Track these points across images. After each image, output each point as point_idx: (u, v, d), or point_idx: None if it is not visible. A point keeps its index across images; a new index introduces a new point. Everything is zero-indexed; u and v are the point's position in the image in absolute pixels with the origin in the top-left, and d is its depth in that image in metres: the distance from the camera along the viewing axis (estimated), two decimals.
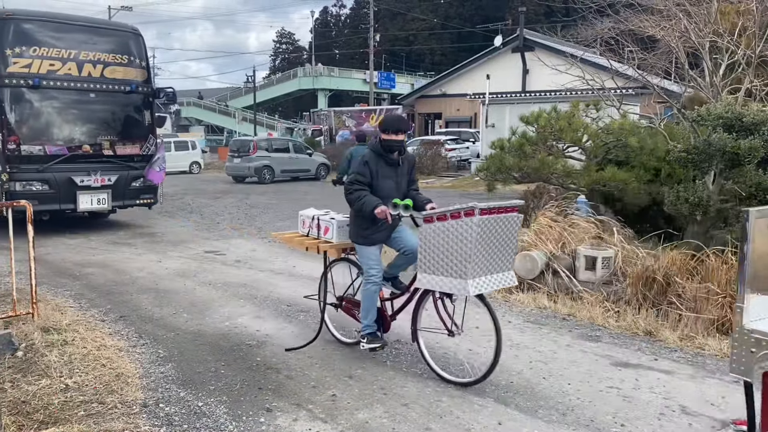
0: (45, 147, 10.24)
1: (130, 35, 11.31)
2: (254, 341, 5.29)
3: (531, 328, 5.73)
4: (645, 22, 11.08)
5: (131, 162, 11.10)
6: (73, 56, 10.45)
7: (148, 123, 11.56)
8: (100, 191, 10.63)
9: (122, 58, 11.05)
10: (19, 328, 5.34)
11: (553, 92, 20.61)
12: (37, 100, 10.25)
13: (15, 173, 9.82)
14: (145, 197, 11.42)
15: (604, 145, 8.68)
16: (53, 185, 10.14)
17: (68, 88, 10.47)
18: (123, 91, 11.06)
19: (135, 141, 11.32)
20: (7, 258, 6.17)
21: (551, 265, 6.94)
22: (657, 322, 5.80)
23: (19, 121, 10.10)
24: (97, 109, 10.97)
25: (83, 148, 10.64)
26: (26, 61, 9.99)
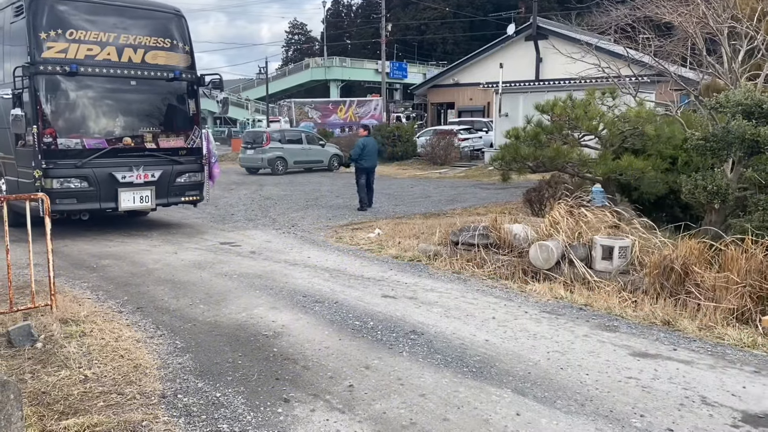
0: (83, 140, 9.43)
1: (172, 17, 10.40)
2: (270, 332, 5.31)
3: (547, 319, 5.70)
4: (662, 8, 10.92)
5: (175, 156, 10.21)
6: (112, 40, 9.58)
7: (192, 113, 10.66)
8: (143, 188, 9.76)
9: (164, 42, 10.13)
10: (38, 319, 5.39)
11: (567, 80, 20.43)
12: (74, 88, 9.43)
13: (51, 169, 9.04)
14: (191, 194, 10.48)
15: (620, 133, 8.60)
16: (92, 182, 9.31)
17: (107, 75, 9.61)
18: (165, 78, 10.15)
19: (179, 133, 10.43)
20: (25, 250, 6.22)
21: (567, 255, 6.89)
22: (675, 311, 5.74)
23: (54, 112, 9.32)
24: (138, 98, 10.14)
25: (124, 141, 9.76)
26: (62, 45, 9.15)
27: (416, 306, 6.06)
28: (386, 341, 5.09)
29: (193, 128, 10.56)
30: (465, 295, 6.47)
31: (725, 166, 7.43)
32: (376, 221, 11.24)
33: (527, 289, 6.63)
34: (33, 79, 8.91)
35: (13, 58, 9.53)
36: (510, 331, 5.35)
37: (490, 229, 7.68)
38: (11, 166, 9.99)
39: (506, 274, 7.14)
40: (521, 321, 5.62)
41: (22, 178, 9.52)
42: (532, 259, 6.97)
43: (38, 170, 8.83)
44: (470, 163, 25.43)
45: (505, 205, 12.56)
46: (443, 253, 7.98)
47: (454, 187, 18.00)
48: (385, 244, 9.08)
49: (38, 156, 8.89)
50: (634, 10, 12.07)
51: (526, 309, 5.99)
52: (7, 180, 10.25)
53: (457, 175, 22.09)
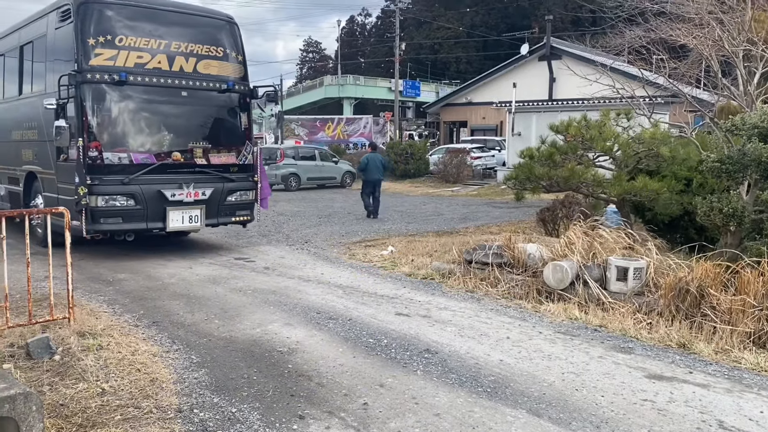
0: (130, 155, 8.83)
1: (225, 24, 9.81)
2: (285, 348, 5.33)
3: (562, 339, 5.69)
4: (676, 30, 10.97)
5: (226, 173, 9.58)
6: (163, 47, 9.00)
7: (244, 127, 10.07)
8: (193, 207, 9.10)
9: (217, 51, 9.53)
10: (56, 332, 5.45)
11: (581, 101, 20.48)
12: (122, 98, 8.81)
13: (96, 186, 8.38)
14: (242, 214, 9.84)
15: (635, 154, 8.60)
16: (140, 200, 8.67)
17: (157, 85, 8.98)
18: (218, 90, 9.54)
19: (231, 148, 9.80)
20: (43, 263, 6.31)
21: (581, 276, 6.88)
22: (691, 334, 5.71)
23: (101, 124, 8.71)
24: (189, 111, 9.51)
25: (173, 157, 9.10)
26: (111, 52, 8.58)
27: (430, 324, 6.06)
28: (400, 359, 5.09)
29: (245, 144, 9.97)
30: (479, 314, 6.47)
31: (741, 189, 7.41)
32: (389, 238, 11.27)
33: (541, 310, 6.62)
34: (79, 88, 8.35)
35: (57, 66, 9.05)
36: (524, 351, 5.34)
37: (504, 249, 7.69)
38: (50, 181, 9.53)
39: (520, 293, 7.13)
40: (536, 341, 5.61)
41: (62, 194, 9.01)
42: (547, 279, 6.96)
43: (82, 187, 8.19)
44: (483, 182, 25.45)
45: (518, 224, 12.56)
46: (457, 271, 7.99)
47: (466, 205, 18.02)
48: (399, 261, 9.10)
49: (82, 171, 8.25)
50: (649, 31, 12.12)
51: (541, 329, 5.98)
52: (46, 196, 9.74)
53: (470, 193, 22.10)
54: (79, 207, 8.13)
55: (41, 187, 9.85)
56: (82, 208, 8.17)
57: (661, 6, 11.75)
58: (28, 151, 10.32)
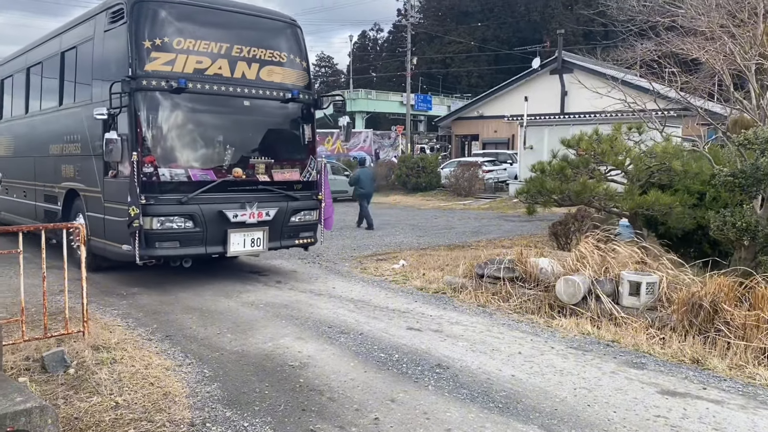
0: (188, 171, 7.90)
1: (288, 26, 8.99)
2: (297, 362, 5.35)
3: (574, 354, 5.66)
4: (688, 44, 10.97)
5: (290, 190, 8.67)
6: (224, 51, 8.16)
7: (308, 140, 9.17)
8: (256, 229, 8.22)
9: (281, 56, 8.70)
10: (71, 345, 5.50)
11: (592, 114, 20.47)
12: (180, 108, 7.94)
13: (151, 206, 7.50)
14: (305, 236, 8.97)
15: (647, 168, 8.59)
16: (199, 222, 7.78)
17: (218, 94, 8.13)
18: (281, 99, 8.65)
19: (294, 163, 8.91)
20: (58, 277, 6.39)
21: (594, 290, 6.86)
22: (704, 349, 5.67)
23: (156, 136, 7.82)
24: (251, 122, 8.64)
25: (234, 173, 8.20)
26: (168, 56, 7.76)
27: (441, 339, 6.06)
28: (411, 374, 5.10)
29: (309, 158, 9.07)
30: (491, 329, 6.46)
31: (755, 203, 7.37)
32: (401, 252, 11.28)
33: (554, 324, 6.60)
34: (133, 96, 7.54)
35: (107, 72, 8.22)
36: (536, 366, 5.33)
37: (516, 263, 7.68)
38: (95, 200, 8.62)
39: (532, 308, 7.11)
40: (548, 356, 5.59)
41: (110, 215, 8.16)
42: (559, 294, 6.95)
43: (135, 207, 7.30)
44: (494, 195, 25.43)
45: (530, 238, 12.53)
46: (468, 285, 7.99)
47: (478, 218, 18.00)
48: (410, 275, 9.11)
49: (136, 189, 7.36)
50: (660, 45, 12.13)
51: (553, 344, 5.96)
52: (90, 217, 8.77)
53: (482, 206, 22.08)
54: (131, 230, 7.34)
55: (84, 206, 9.00)
56: (134, 231, 7.35)
57: (671, 20, 11.76)
58: (69, 167, 9.50)
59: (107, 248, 8.26)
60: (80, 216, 9.14)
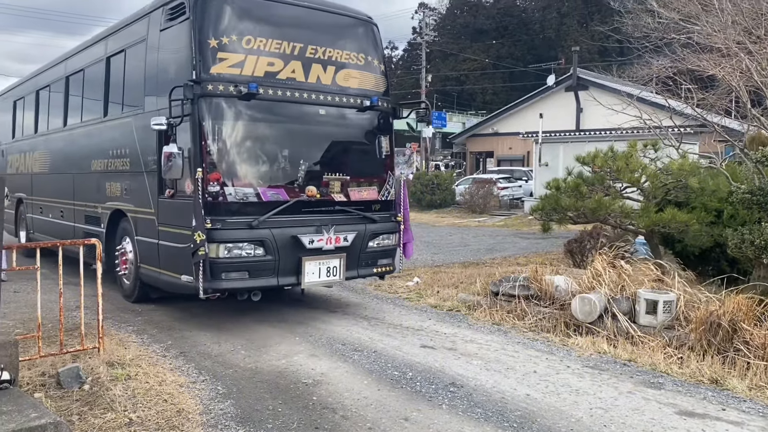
0: (258, 190, 6.89)
1: (365, 24, 8.04)
2: (310, 380, 5.34)
3: (590, 374, 5.60)
4: (704, 61, 10.92)
5: (368, 211, 7.64)
6: (298, 52, 7.22)
7: (386, 154, 8.09)
8: (333, 256, 7.17)
9: (358, 58, 7.75)
10: (86, 361, 5.53)
11: (608, 131, 20.40)
12: (250, 117, 6.96)
13: (218, 230, 6.45)
14: (383, 263, 7.88)
15: (663, 186, 8.52)
16: (270, 249, 6.73)
17: (292, 101, 7.13)
18: (359, 107, 7.69)
19: (372, 181, 7.90)
20: (74, 293, 6.44)
21: (610, 309, 6.79)
22: (723, 369, 5.58)
23: (222, 149, 6.81)
24: (326, 133, 7.65)
25: (308, 192, 7.19)
26: (237, 57, 6.83)
27: (456, 357, 6.02)
28: (425, 393, 5.06)
29: (387, 175, 8.04)
30: (505, 347, 6.41)
31: None
32: (415, 269, 11.25)
33: (569, 343, 6.54)
34: (198, 103, 6.56)
35: (163, 77, 7.34)
36: (552, 385, 5.27)
37: (531, 280, 7.63)
38: (147, 223, 7.65)
39: (548, 326, 7.05)
40: (563, 375, 5.53)
41: (165, 240, 7.21)
42: (574, 312, 6.88)
43: (200, 232, 6.28)
44: (509, 212, 25.33)
45: (545, 255, 12.45)
46: (483, 303, 7.94)
47: (493, 235, 17.93)
48: (424, 292, 9.08)
49: (200, 211, 6.33)
50: (676, 62, 12.09)
51: (568, 363, 5.90)
52: (140, 242, 7.80)
53: (496, 223, 22.00)
54: (196, 259, 6.31)
55: (132, 229, 8.02)
56: (199, 260, 6.31)
57: (687, 37, 11.73)
58: (115, 185, 8.57)
59: (161, 278, 7.35)
60: (126, 240, 8.25)
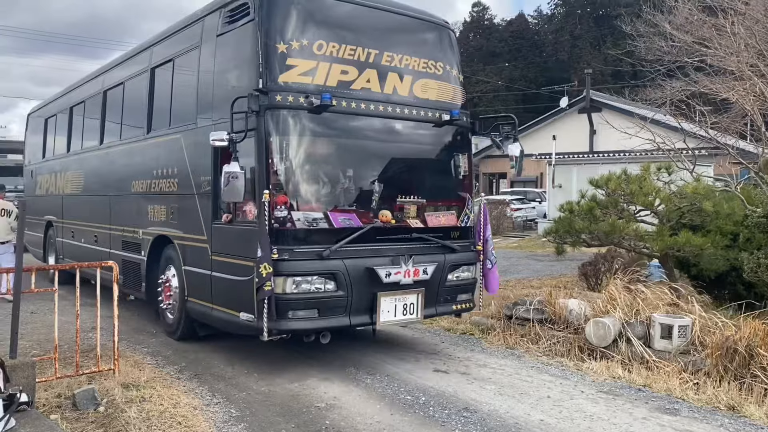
0: (329, 215, 6.08)
1: (442, 30, 7.30)
2: (323, 403, 5.34)
3: (604, 399, 5.55)
4: (717, 84, 10.92)
5: (447, 239, 6.75)
6: (373, 59, 6.46)
7: (464, 174, 7.25)
8: (410, 291, 6.30)
9: (436, 67, 6.96)
10: (102, 383, 5.57)
11: (621, 153, 20.34)
12: (321, 133, 6.22)
13: (285, 261, 5.67)
14: (462, 299, 7.00)
15: (677, 209, 8.50)
16: (343, 282, 5.93)
17: (367, 114, 6.39)
18: (437, 122, 6.88)
19: (450, 204, 7.08)
20: (90, 314, 6.50)
21: (624, 333, 6.74)
22: (740, 396, 5.52)
23: (289, 169, 6.04)
24: (400, 151, 6.91)
25: (381, 217, 6.36)
26: (308, 64, 6.06)
27: (469, 382, 6.00)
28: (438, 418, 5.05)
29: (466, 198, 7.20)
30: (519, 371, 6.38)
31: None
32: None
33: (583, 368, 6.49)
34: (265, 116, 5.82)
35: (222, 87, 6.63)
36: (566, 410, 5.23)
37: (545, 304, 7.61)
38: (198, 252, 6.84)
39: (562, 350, 7.01)
40: (577, 401, 5.49)
41: (220, 271, 6.42)
42: (588, 336, 6.85)
43: (267, 264, 5.46)
44: (523, 234, 25.25)
45: (559, 278, 12.38)
46: (497, 326, 7.91)
47: (506, 257, 17.86)
48: None
49: (266, 240, 5.55)
50: (689, 85, 12.09)
51: (583, 388, 5.86)
52: (188, 272, 7.05)
53: (510, 245, 21.92)
54: (262, 295, 5.51)
55: (180, 258, 7.24)
56: (264, 297, 5.51)
57: (700, 60, 11.75)
58: (160, 208, 7.80)
59: (213, 314, 6.54)
60: (171, 269, 7.49)
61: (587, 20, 58.58)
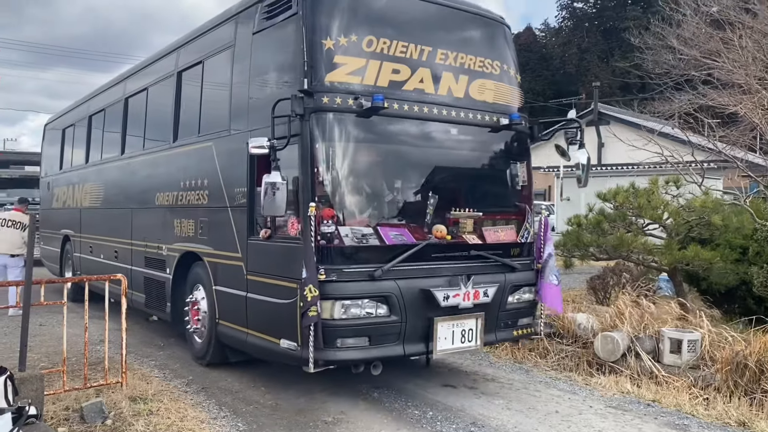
0: (379, 230, 5.46)
1: (498, 26, 6.69)
2: (330, 418, 5.32)
3: (613, 414, 5.51)
4: (725, 98, 10.91)
5: (507, 256, 6.14)
6: (426, 57, 5.89)
7: (523, 185, 6.65)
8: (468, 316, 5.65)
9: (493, 66, 6.37)
10: (109, 396, 5.58)
11: (630, 166, 20.29)
12: (371, 138, 5.67)
13: (333, 282, 5.10)
14: (523, 324, 6.32)
15: (685, 223, 8.45)
16: (396, 306, 5.31)
17: (420, 117, 5.78)
18: (496, 126, 6.29)
19: (509, 218, 6.47)
20: (98, 327, 6.53)
21: (633, 347, 6.70)
22: (751, 411, 5.48)
23: (337, 179, 5.47)
24: (456, 158, 6.32)
25: (436, 233, 5.71)
26: (357, 62, 5.51)
27: (477, 396, 5.98)
28: None
29: (525, 210, 6.57)
30: (527, 386, 6.34)
31: None
32: None
33: (592, 382, 6.45)
34: (310, 120, 5.28)
35: (259, 90, 6.10)
36: (574, 426, 5.20)
37: (553, 318, 7.58)
38: (231, 270, 6.26)
39: (570, 365, 6.98)
40: (586, 416, 5.46)
41: (257, 292, 5.83)
42: (597, 351, 6.82)
43: (312, 286, 4.89)
44: None
45: (567, 292, 12.30)
46: None
47: None
48: None
49: (311, 259, 4.99)
50: (697, 98, 12.08)
51: (591, 403, 5.82)
52: (220, 292, 6.46)
53: None
54: (307, 321, 4.91)
55: (210, 276, 6.67)
56: (310, 323, 4.92)
57: (707, 74, 11.75)
58: (188, 222, 7.25)
59: (248, 340, 5.95)
60: (200, 289, 6.95)
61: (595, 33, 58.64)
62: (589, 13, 57.35)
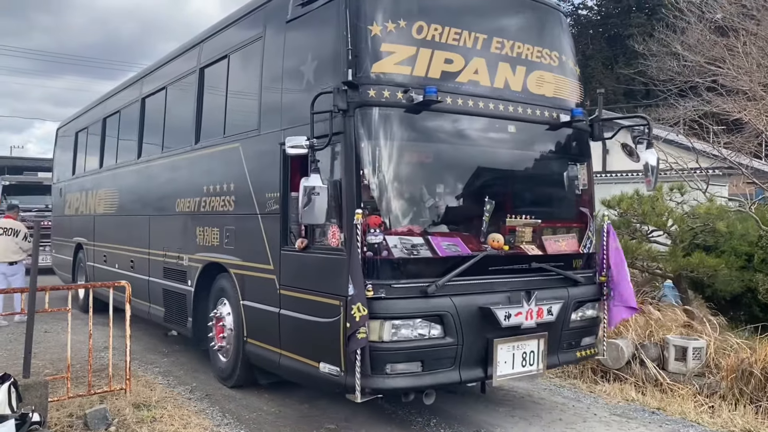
0: (431, 241, 4.84)
1: (555, 14, 6.08)
2: (333, 425, 5.32)
3: (617, 422, 5.49)
4: (729, 104, 10.89)
5: (569, 269, 5.53)
6: (481, 46, 5.26)
7: (583, 188, 5.99)
8: (530, 336, 5.05)
9: (551, 57, 5.72)
10: (113, 402, 5.59)
11: (634, 172, 20.25)
12: (423, 136, 5.06)
13: (382, 300, 4.53)
14: (586, 344, 5.69)
15: (690, 229, 8.43)
16: (451, 327, 4.71)
17: (475, 113, 5.16)
18: (556, 122, 5.64)
19: (570, 226, 5.88)
20: (102, 333, 6.54)
21: (638, 355, 6.68)
22: (756, 420, 5.46)
23: (384, 183, 4.85)
24: (514, 159, 5.65)
25: (492, 242, 5.11)
26: (407, 50, 4.88)
27: (480, 404, 5.96)
28: None
29: (587, 217, 5.96)
30: (531, 394, 6.32)
31: None
32: None
33: (596, 390, 6.44)
34: (355, 115, 4.70)
35: (293, 84, 5.50)
36: None
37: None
38: (262, 283, 5.71)
39: (574, 372, 6.96)
40: (590, 423, 5.44)
41: (292, 309, 5.26)
42: (601, 358, 6.78)
43: (360, 304, 4.32)
44: None
45: None
46: None
47: None
48: None
49: (358, 273, 4.41)
50: (701, 104, 12.07)
51: (595, 411, 5.80)
52: (248, 308, 5.91)
53: None
54: (354, 345, 4.35)
55: (237, 290, 6.10)
56: (357, 347, 4.36)
57: (712, 80, 11.74)
58: (212, 230, 6.70)
59: (281, 362, 5.41)
60: (225, 303, 6.40)
61: (599, 40, 58.64)
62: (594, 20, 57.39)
